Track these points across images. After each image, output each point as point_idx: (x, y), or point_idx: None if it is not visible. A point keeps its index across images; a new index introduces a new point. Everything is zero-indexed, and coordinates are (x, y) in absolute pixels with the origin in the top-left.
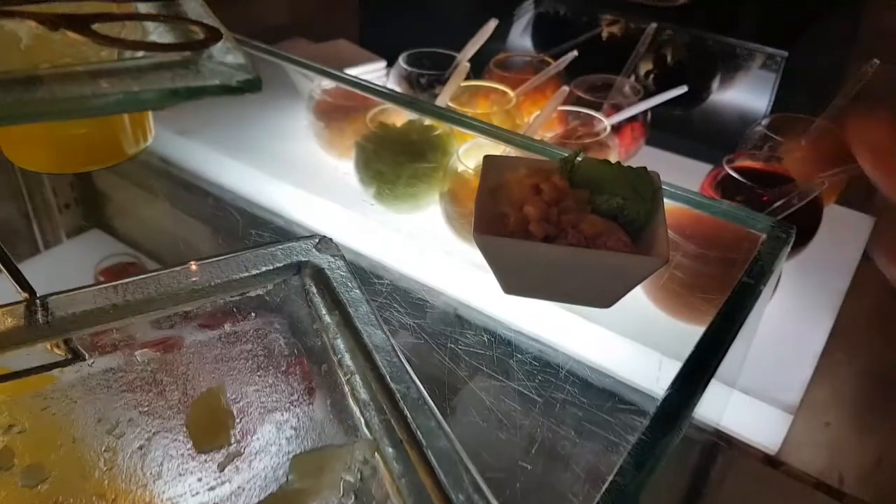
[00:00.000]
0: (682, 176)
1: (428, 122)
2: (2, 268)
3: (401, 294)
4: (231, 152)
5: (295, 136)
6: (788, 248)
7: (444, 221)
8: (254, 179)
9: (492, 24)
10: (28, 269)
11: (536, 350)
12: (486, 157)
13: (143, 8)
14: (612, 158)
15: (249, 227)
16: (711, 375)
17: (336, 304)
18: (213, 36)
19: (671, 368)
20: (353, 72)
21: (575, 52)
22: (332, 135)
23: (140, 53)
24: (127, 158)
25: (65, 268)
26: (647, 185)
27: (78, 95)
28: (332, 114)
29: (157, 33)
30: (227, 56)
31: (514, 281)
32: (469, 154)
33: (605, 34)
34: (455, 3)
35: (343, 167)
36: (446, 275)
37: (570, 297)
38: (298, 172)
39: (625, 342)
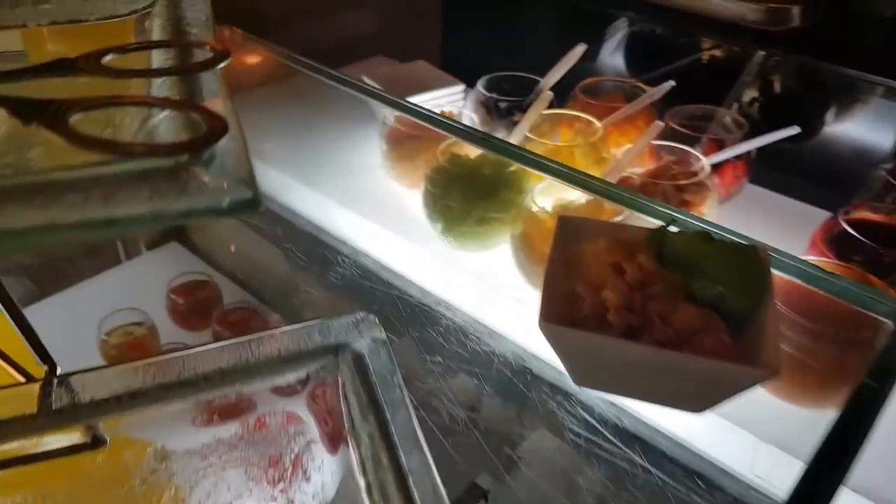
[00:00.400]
0: (790, 222)
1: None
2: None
3: (463, 336)
4: (302, 176)
5: (368, 162)
6: None
7: (514, 265)
8: (322, 205)
9: (579, 50)
10: (106, 279)
11: (613, 417)
12: (561, 219)
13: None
14: (712, 202)
15: (316, 251)
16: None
17: (373, 405)
18: (216, 129)
19: (766, 453)
20: (430, 96)
21: (672, 83)
22: (403, 164)
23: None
24: None
25: (140, 281)
26: (755, 270)
27: (23, 227)
28: (404, 142)
29: (156, 121)
30: (226, 159)
31: (588, 374)
32: (546, 193)
33: (705, 58)
34: (542, 24)
35: (413, 198)
36: (513, 322)
37: (655, 398)
38: (367, 200)
39: (714, 419)
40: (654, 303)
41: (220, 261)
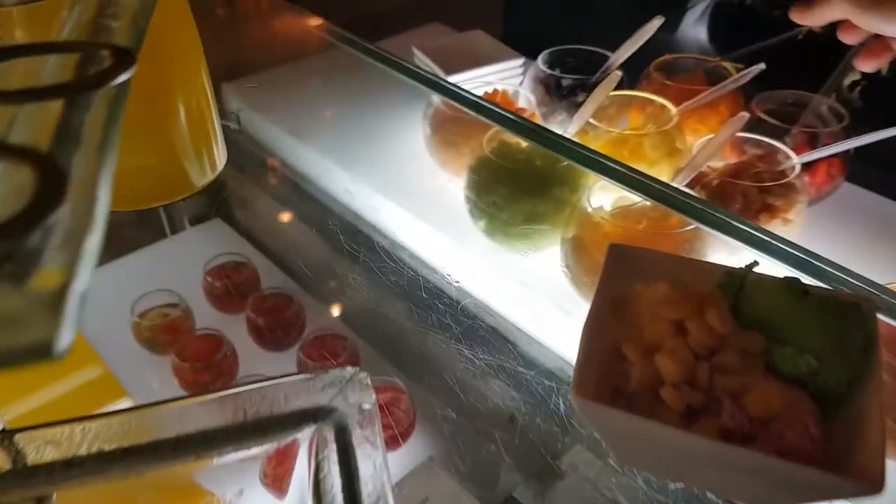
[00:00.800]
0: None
1: None
2: None
3: (510, 348)
4: (342, 160)
5: (411, 146)
6: None
7: (564, 272)
8: (362, 193)
9: (655, 24)
10: (147, 255)
11: None
12: (612, 248)
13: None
14: (800, 208)
15: (353, 241)
16: None
17: (348, 485)
18: (47, 198)
19: None
20: (485, 70)
21: (762, 65)
22: (448, 151)
23: None
24: (195, 191)
25: (181, 258)
26: (857, 334)
27: None
28: (449, 126)
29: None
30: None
31: (635, 457)
32: (605, 191)
33: (802, 35)
34: None
35: (456, 189)
36: (562, 334)
37: (720, 491)
38: (408, 190)
39: None
40: (725, 377)
41: (262, 241)
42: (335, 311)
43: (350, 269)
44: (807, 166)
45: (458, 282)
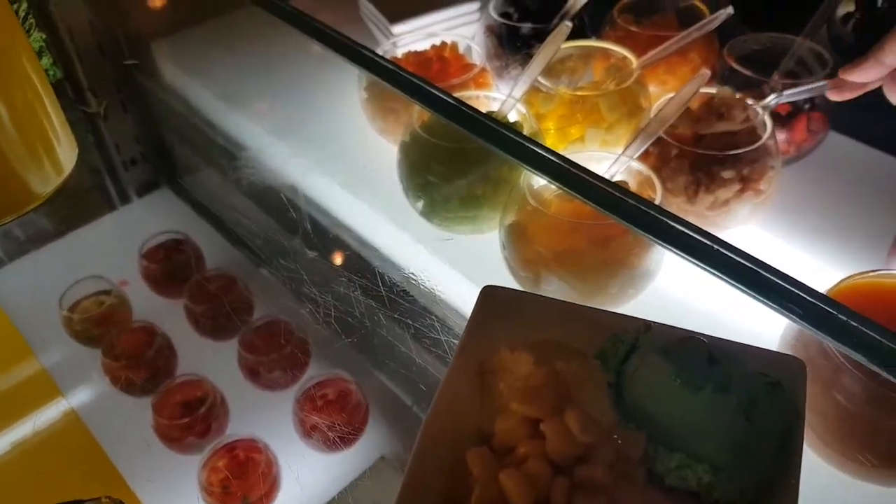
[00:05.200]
0: (886, 189)
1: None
2: None
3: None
4: (277, 129)
5: (348, 113)
6: None
7: (504, 261)
8: (300, 166)
9: None
10: (87, 233)
11: None
12: (485, 291)
13: None
14: (773, 175)
15: (301, 217)
16: None
17: None
18: None
19: None
20: (436, 17)
21: (730, 10)
22: (386, 118)
23: None
24: (39, 202)
25: (126, 234)
26: (772, 425)
27: None
28: (387, 91)
29: None
30: None
31: None
32: None
33: None
34: None
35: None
36: None
37: None
38: (347, 162)
39: None
40: (587, 498)
41: (210, 213)
42: (286, 292)
43: (298, 245)
44: (784, 122)
45: (402, 265)
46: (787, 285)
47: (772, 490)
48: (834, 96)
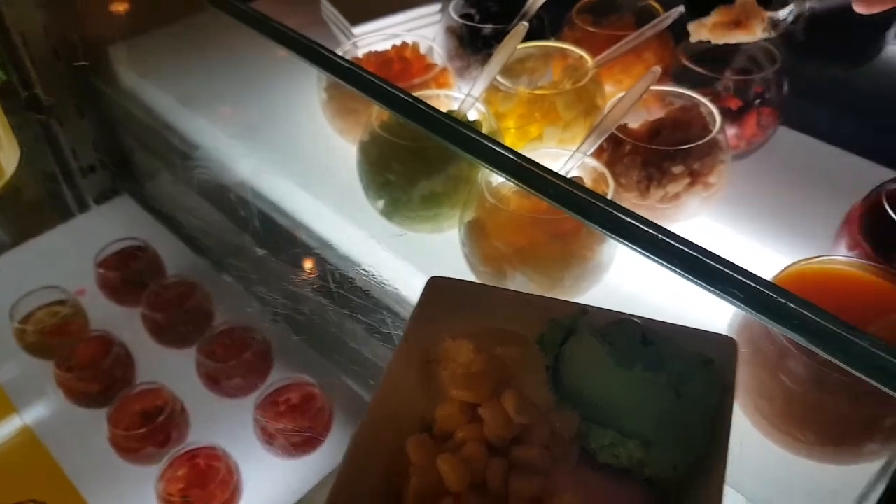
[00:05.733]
0: (832, 186)
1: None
2: None
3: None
4: (236, 131)
5: (308, 113)
6: None
7: (465, 258)
8: (261, 169)
9: None
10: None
11: None
12: (431, 283)
13: None
14: (722, 168)
15: (257, 222)
16: None
17: None
18: None
19: None
20: (397, 19)
21: (680, 9)
22: (346, 118)
23: None
24: None
25: (84, 242)
26: (703, 402)
27: None
28: (346, 91)
29: None
30: None
31: None
32: None
33: None
34: None
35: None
36: None
37: None
38: (307, 163)
39: None
40: (521, 479)
41: (171, 218)
42: (248, 297)
43: (259, 250)
44: (735, 118)
45: (361, 265)
46: (730, 272)
47: (702, 465)
48: (860, 8)
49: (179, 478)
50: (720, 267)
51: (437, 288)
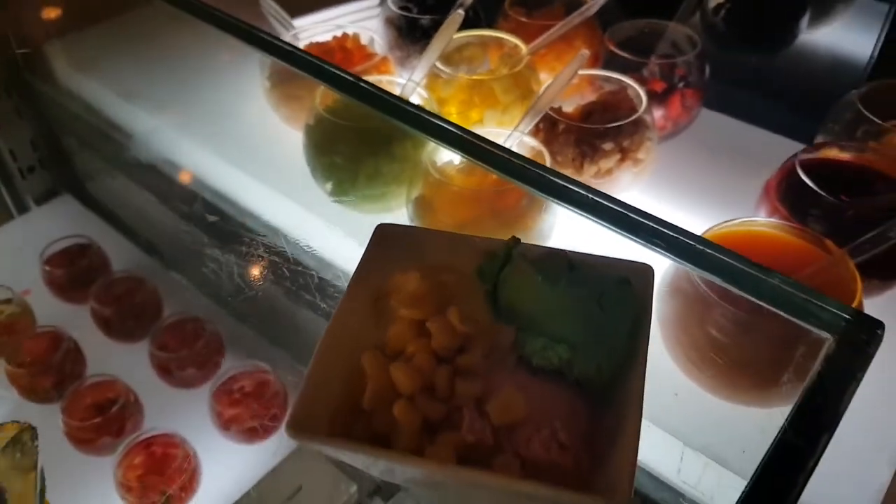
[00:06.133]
0: (750, 160)
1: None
2: None
3: None
4: (180, 123)
5: (252, 100)
6: (874, 353)
7: None
8: (207, 159)
9: None
10: None
11: None
12: (379, 229)
13: None
14: (649, 145)
15: (207, 211)
16: None
17: None
18: None
19: (694, 461)
20: (338, 11)
21: None
22: (289, 105)
23: None
24: None
25: (26, 242)
26: (621, 314)
27: None
28: (289, 77)
29: None
30: None
31: (394, 480)
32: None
33: None
34: None
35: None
36: None
37: None
38: (253, 152)
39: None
40: (465, 382)
41: (114, 216)
42: (198, 290)
43: (207, 243)
44: (661, 99)
45: (313, 249)
46: (658, 226)
47: (623, 370)
48: None
49: (137, 465)
50: (649, 222)
51: (384, 234)
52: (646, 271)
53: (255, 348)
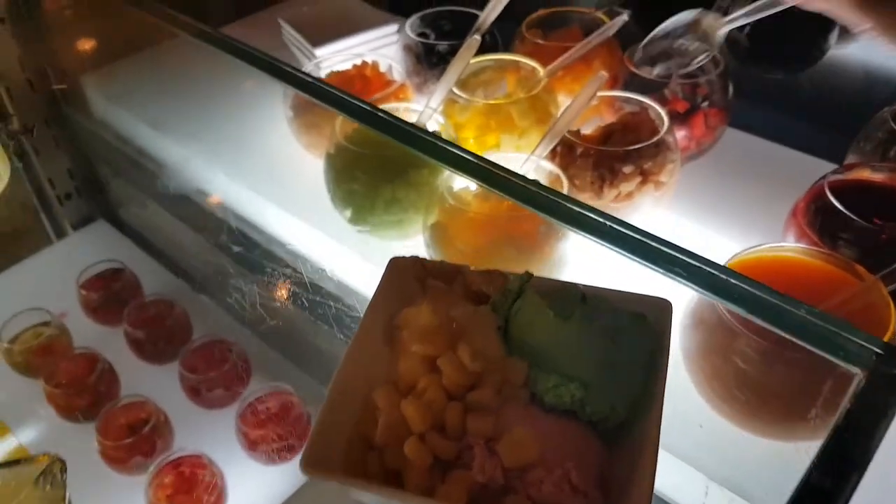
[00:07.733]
0: (778, 180)
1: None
2: None
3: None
4: (209, 154)
5: (276, 130)
6: None
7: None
8: (234, 188)
9: None
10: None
11: None
12: (392, 262)
13: None
14: (672, 167)
15: (235, 239)
16: None
17: None
18: None
19: (719, 496)
20: (357, 40)
21: (625, 17)
22: (310, 133)
23: None
24: None
25: (63, 267)
26: (637, 351)
27: None
28: (311, 107)
29: None
30: None
31: None
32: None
33: None
34: None
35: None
36: None
37: None
38: (276, 179)
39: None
40: (477, 419)
41: (147, 241)
42: (225, 312)
43: (236, 267)
44: (683, 119)
45: (335, 276)
46: (681, 256)
47: (639, 409)
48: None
49: (166, 485)
50: (670, 251)
51: (397, 266)
52: (663, 306)
53: (279, 370)
